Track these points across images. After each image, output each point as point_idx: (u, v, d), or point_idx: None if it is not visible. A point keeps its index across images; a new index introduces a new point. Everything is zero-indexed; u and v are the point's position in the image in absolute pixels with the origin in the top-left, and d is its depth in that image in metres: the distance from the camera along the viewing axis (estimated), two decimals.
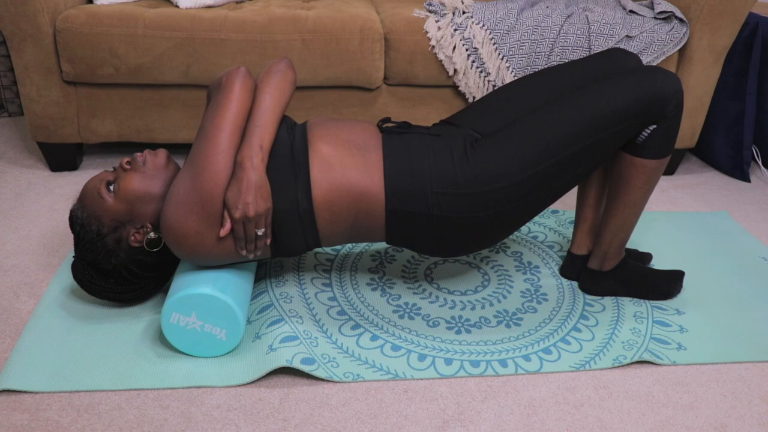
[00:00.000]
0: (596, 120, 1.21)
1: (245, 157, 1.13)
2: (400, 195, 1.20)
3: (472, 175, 1.20)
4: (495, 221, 1.24)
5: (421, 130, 1.29)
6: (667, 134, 1.27)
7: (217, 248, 1.18)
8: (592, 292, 1.49)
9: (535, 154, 1.20)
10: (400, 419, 1.14)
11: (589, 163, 1.26)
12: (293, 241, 1.22)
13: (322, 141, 1.22)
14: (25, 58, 1.80)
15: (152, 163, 1.25)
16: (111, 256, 1.25)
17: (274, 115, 1.18)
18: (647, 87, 1.21)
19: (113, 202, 1.23)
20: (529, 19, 1.89)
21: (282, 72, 1.23)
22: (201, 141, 1.15)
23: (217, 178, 1.13)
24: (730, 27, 1.91)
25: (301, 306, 1.39)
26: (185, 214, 1.14)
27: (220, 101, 1.17)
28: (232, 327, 1.21)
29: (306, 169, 1.19)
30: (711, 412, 1.19)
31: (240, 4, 2.00)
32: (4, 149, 2.13)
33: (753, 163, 2.31)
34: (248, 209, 1.12)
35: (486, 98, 1.39)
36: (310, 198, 1.18)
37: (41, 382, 1.16)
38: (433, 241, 1.25)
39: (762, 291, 1.55)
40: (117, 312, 1.36)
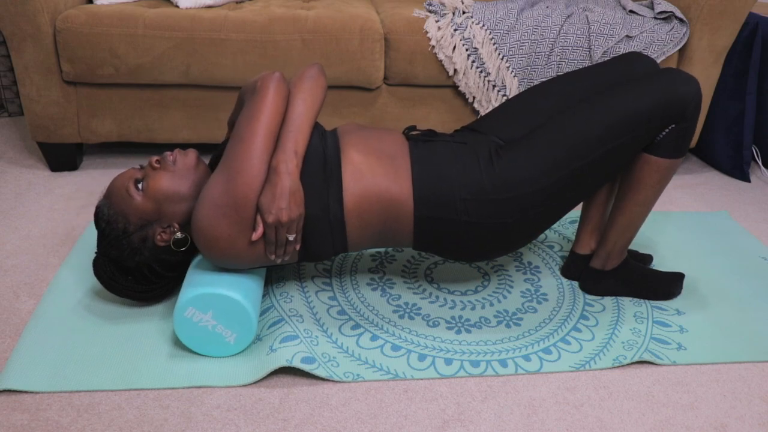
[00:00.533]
0: (618, 124, 1.23)
1: (280, 162, 1.13)
2: (429, 201, 1.22)
3: (499, 181, 1.22)
4: (521, 226, 1.25)
5: (447, 138, 1.30)
6: (684, 134, 1.28)
7: (247, 252, 1.18)
8: (593, 291, 1.49)
9: (560, 159, 1.22)
10: (400, 419, 1.14)
11: (612, 166, 1.27)
12: (321, 247, 1.23)
13: (354, 149, 1.24)
14: (25, 58, 1.80)
15: (182, 162, 1.25)
16: (135, 254, 1.25)
17: (308, 121, 1.19)
18: (667, 90, 1.23)
19: (141, 201, 1.23)
20: (529, 19, 1.89)
21: (314, 78, 1.25)
22: (236, 145, 1.15)
23: (251, 183, 1.13)
24: (730, 27, 1.91)
25: (302, 305, 1.39)
26: (218, 217, 1.14)
27: (256, 106, 1.17)
28: (243, 333, 1.22)
29: (338, 175, 1.20)
30: (711, 412, 1.19)
31: (240, 4, 2.00)
32: (4, 149, 2.13)
33: (753, 163, 2.31)
34: (281, 214, 1.12)
35: (507, 104, 1.41)
36: (341, 204, 1.19)
37: (41, 382, 1.16)
38: (461, 246, 1.27)
39: (762, 291, 1.55)
40: (118, 312, 1.36)
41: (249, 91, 1.23)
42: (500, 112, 1.39)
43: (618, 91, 1.25)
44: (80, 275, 1.46)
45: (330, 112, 1.96)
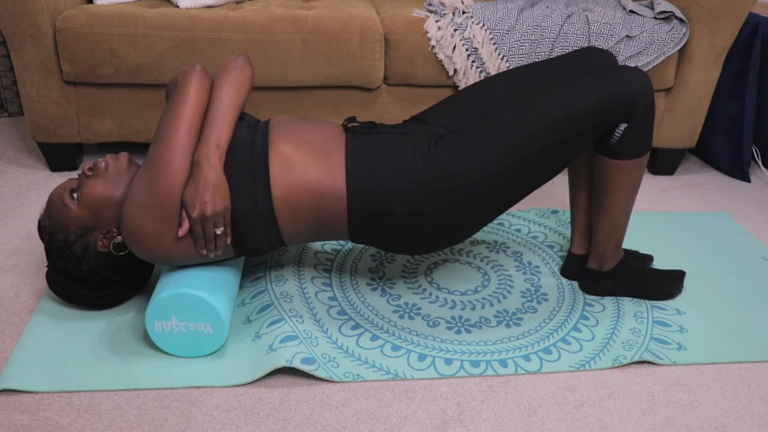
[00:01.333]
0: (563, 118, 1.20)
1: (202, 156, 1.12)
2: (362, 193, 1.20)
3: (435, 172, 1.20)
4: (458, 218, 1.23)
5: (387, 129, 1.28)
6: (641, 133, 1.26)
7: (176, 248, 1.17)
8: (593, 292, 1.49)
9: (499, 151, 1.20)
10: (400, 419, 1.14)
11: (557, 160, 1.25)
12: (255, 240, 1.21)
13: (283, 140, 1.22)
14: (25, 58, 1.80)
15: (114, 167, 1.24)
16: (81, 262, 1.25)
17: (230, 113, 1.18)
18: (615, 85, 1.21)
19: (77, 210, 1.23)
20: (529, 19, 1.89)
21: (239, 68, 1.23)
22: (157, 141, 1.15)
23: (173, 178, 1.13)
24: (730, 27, 1.91)
25: (302, 305, 1.39)
26: (143, 215, 1.14)
27: (176, 100, 1.17)
28: (213, 318, 1.20)
29: (265, 167, 1.18)
30: (711, 412, 1.19)
31: (240, 4, 2.00)
32: (4, 149, 2.13)
33: (753, 163, 2.31)
34: (206, 208, 1.11)
35: (457, 95, 1.39)
36: (269, 196, 1.18)
37: (41, 382, 1.16)
38: (398, 239, 1.25)
39: (762, 291, 1.55)
40: (118, 312, 1.36)
41: (172, 87, 1.22)
42: (449, 101, 1.38)
43: (565, 85, 1.23)
44: None
45: (330, 112, 1.96)
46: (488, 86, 1.38)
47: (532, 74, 1.37)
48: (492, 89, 1.37)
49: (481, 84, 1.39)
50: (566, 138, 1.22)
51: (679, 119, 2.05)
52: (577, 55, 1.38)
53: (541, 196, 1.98)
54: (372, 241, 1.27)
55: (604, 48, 1.86)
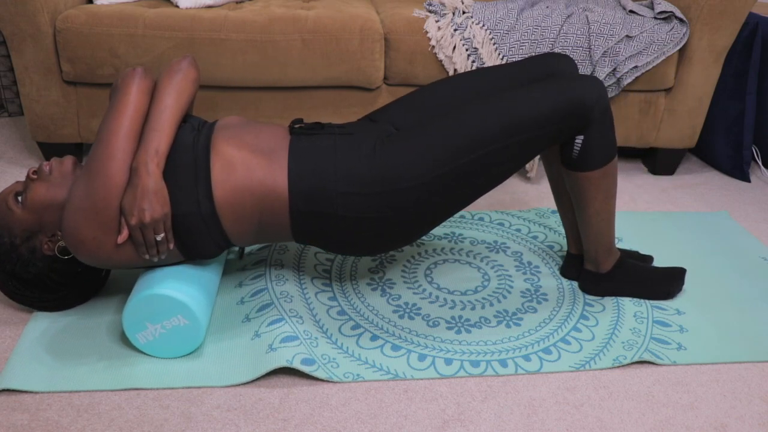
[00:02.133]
0: (511, 124, 1.19)
1: (140, 163, 1.12)
2: (305, 195, 1.20)
3: (378, 174, 1.19)
4: (402, 221, 1.22)
5: (333, 130, 1.27)
6: (601, 142, 1.26)
7: (117, 254, 1.17)
8: (592, 292, 1.49)
9: (444, 154, 1.19)
10: (400, 419, 1.14)
11: (505, 166, 1.23)
12: (201, 243, 1.21)
13: (225, 142, 1.21)
14: (25, 58, 1.80)
15: (58, 170, 1.23)
16: (28, 265, 1.24)
17: (172, 117, 1.17)
18: (567, 94, 1.20)
19: (21, 213, 1.22)
20: (529, 19, 1.89)
21: (183, 71, 1.22)
22: (96, 146, 1.14)
23: (111, 184, 1.12)
24: (730, 27, 1.91)
25: (302, 305, 1.39)
26: (81, 220, 1.13)
27: (116, 104, 1.16)
28: (178, 308, 1.19)
29: (207, 170, 1.17)
30: (711, 412, 1.19)
31: (240, 4, 2.00)
32: (4, 149, 2.13)
33: (753, 163, 2.31)
34: (144, 215, 1.11)
35: (413, 93, 1.38)
36: (211, 199, 1.17)
37: (41, 382, 1.16)
38: (341, 241, 1.25)
39: (762, 291, 1.55)
40: (117, 312, 1.36)
41: (113, 90, 1.21)
42: (403, 100, 1.37)
43: (516, 91, 1.22)
44: None
45: (330, 112, 1.96)
46: (442, 86, 1.37)
47: (489, 77, 1.36)
48: (446, 90, 1.36)
49: (437, 84, 1.38)
50: (515, 144, 1.21)
51: (679, 119, 2.05)
52: (537, 61, 1.37)
53: (541, 196, 1.98)
54: (315, 242, 1.27)
55: (605, 48, 1.86)
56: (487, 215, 1.84)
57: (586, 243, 1.42)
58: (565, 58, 1.37)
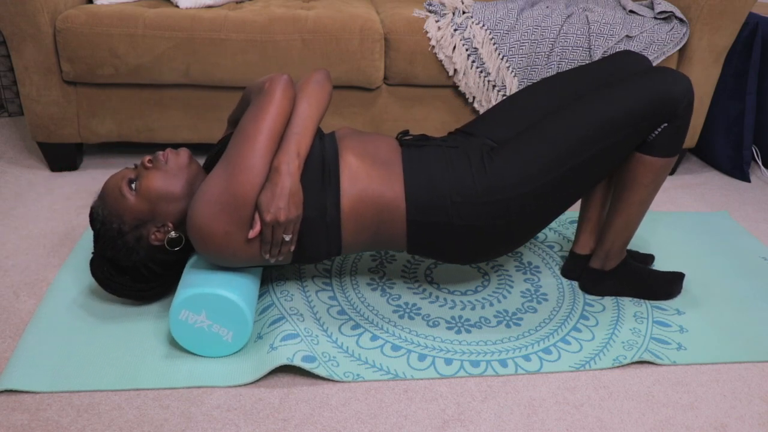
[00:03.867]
0: (609, 123, 1.23)
1: (282, 163, 1.14)
2: (421, 206, 1.22)
3: (490, 183, 1.22)
4: (514, 228, 1.25)
5: (439, 142, 1.31)
6: (677, 132, 1.28)
7: (242, 250, 1.18)
8: (593, 291, 1.49)
9: (551, 160, 1.22)
10: (400, 419, 1.14)
11: (605, 165, 1.27)
12: (316, 248, 1.23)
13: (351, 152, 1.25)
14: (25, 58, 1.80)
15: (174, 162, 1.26)
16: (131, 253, 1.25)
17: (312, 124, 1.21)
18: (658, 88, 1.23)
19: (135, 201, 1.23)
20: (529, 19, 1.89)
21: (320, 83, 1.26)
22: (240, 142, 1.16)
23: (252, 180, 1.14)
24: (730, 27, 1.91)
25: (302, 304, 1.39)
26: (217, 213, 1.14)
27: (262, 105, 1.18)
28: (240, 330, 1.22)
29: (336, 179, 1.21)
30: (711, 412, 1.19)
31: (240, 4, 2.00)
32: (4, 149, 2.13)
33: (753, 163, 2.31)
34: (280, 214, 1.13)
35: (499, 106, 1.41)
36: (338, 207, 1.20)
37: (42, 382, 1.16)
38: (454, 249, 1.27)
39: (762, 291, 1.55)
40: (118, 312, 1.36)
41: (255, 91, 1.24)
42: (493, 113, 1.40)
43: (609, 90, 1.25)
44: (80, 275, 1.46)
45: (330, 112, 1.96)
46: (529, 96, 1.40)
47: (573, 80, 1.39)
48: (533, 99, 1.39)
49: (523, 93, 1.41)
50: (614, 143, 1.24)
51: None
52: (614, 60, 1.39)
53: None
54: (428, 252, 1.29)
55: (605, 48, 1.86)
56: None
57: (608, 234, 1.42)
58: (640, 56, 1.39)
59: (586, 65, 1.41)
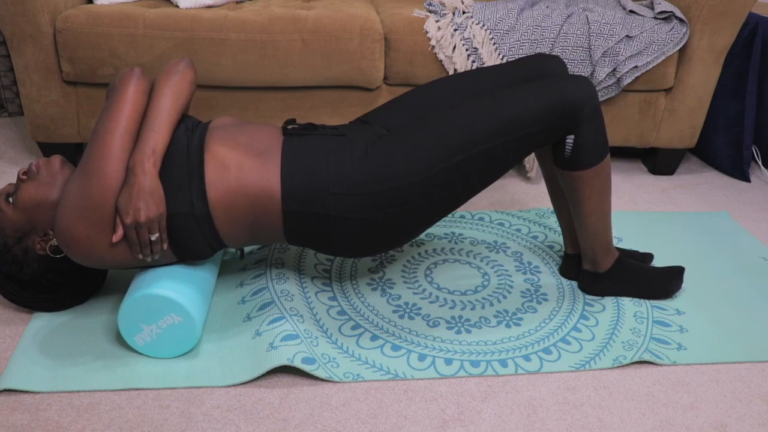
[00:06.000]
0: (501, 123, 1.20)
1: (137, 162, 1.12)
2: (297, 196, 1.20)
3: (369, 174, 1.19)
4: (395, 222, 1.23)
5: (326, 131, 1.27)
6: (592, 140, 1.26)
7: (111, 253, 1.16)
8: (591, 292, 1.49)
9: (435, 154, 1.19)
10: (400, 419, 1.14)
11: (495, 166, 1.24)
12: (194, 244, 1.21)
13: (219, 143, 1.21)
14: (25, 58, 1.80)
15: (46, 169, 1.24)
16: (23, 266, 1.24)
17: (169, 118, 1.17)
18: (556, 92, 1.21)
19: (12, 213, 1.22)
20: (529, 19, 1.89)
21: (180, 72, 1.23)
22: (92, 145, 1.14)
23: (107, 183, 1.12)
24: (730, 27, 1.91)
25: (302, 304, 1.39)
26: (75, 219, 1.13)
27: (113, 104, 1.16)
28: (168, 306, 1.19)
29: (200, 171, 1.18)
30: (711, 412, 1.19)
31: (240, 4, 2.00)
32: (4, 149, 2.13)
33: (753, 163, 2.31)
34: (139, 215, 1.11)
35: (403, 95, 1.38)
36: (205, 200, 1.17)
37: (42, 382, 1.16)
38: (334, 242, 1.25)
39: (762, 291, 1.55)
40: (117, 312, 1.36)
41: (110, 90, 1.22)
42: (395, 102, 1.37)
43: (508, 91, 1.23)
44: None
45: (330, 112, 1.96)
46: (433, 88, 1.37)
47: (481, 78, 1.36)
48: (437, 92, 1.36)
49: (427, 86, 1.38)
50: (504, 143, 1.21)
51: (679, 119, 2.05)
52: (527, 62, 1.38)
53: (541, 196, 1.98)
54: (308, 243, 1.27)
55: (605, 48, 1.86)
56: (487, 215, 1.84)
57: (583, 242, 1.42)
58: (555, 59, 1.37)
59: (498, 65, 1.39)
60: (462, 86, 1.36)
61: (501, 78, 1.36)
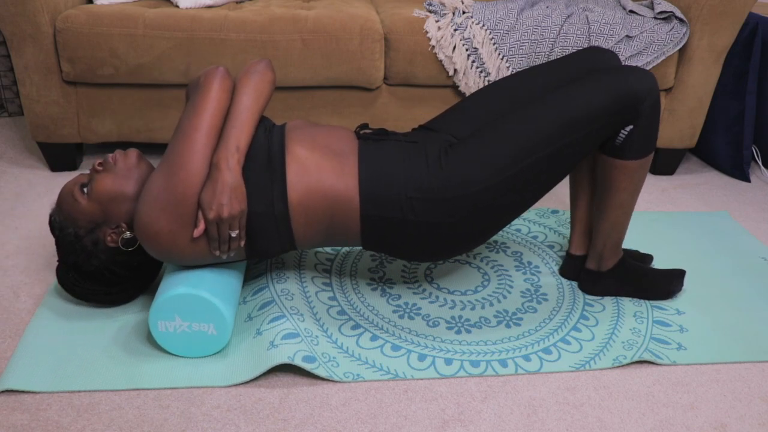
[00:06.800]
0: (569, 121, 1.21)
1: (221, 159, 1.13)
2: (375, 200, 1.21)
3: (445, 180, 1.20)
4: (470, 225, 1.23)
5: (398, 137, 1.29)
6: (646, 133, 1.26)
7: (190, 248, 1.17)
8: (592, 292, 1.49)
9: (508, 157, 1.20)
10: (400, 419, 1.14)
11: (565, 164, 1.25)
12: (268, 243, 1.22)
13: (299, 144, 1.22)
14: (25, 58, 1.80)
15: (123, 163, 1.25)
16: (91, 257, 1.25)
17: (251, 116, 1.18)
18: (620, 87, 1.21)
19: (87, 204, 1.23)
20: (529, 19, 1.89)
21: (260, 72, 1.24)
22: (177, 140, 1.16)
23: (191, 179, 1.13)
24: (730, 27, 1.91)
25: (303, 303, 1.39)
26: (158, 213, 1.14)
27: (198, 101, 1.17)
28: (217, 319, 1.21)
29: (282, 171, 1.19)
30: (711, 412, 1.19)
31: (240, 4, 2.00)
32: (4, 149, 2.13)
33: (753, 163, 2.31)
34: (222, 210, 1.12)
35: (464, 102, 1.39)
36: (285, 201, 1.18)
37: (43, 382, 1.16)
38: (409, 246, 1.26)
39: (762, 291, 1.55)
40: (119, 312, 1.36)
41: (193, 87, 1.23)
42: (456, 109, 1.38)
43: (571, 88, 1.24)
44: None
45: (330, 112, 1.96)
46: (493, 92, 1.38)
47: (536, 77, 1.37)
48: (497, 95, 1.37)
49: (486, 90, 1.39)
50: (573, 141, 1.22)
51: (679, 119, 2.05)
52: (580, 56, 1.38)
53: None
54: (383, 247, 1.28)
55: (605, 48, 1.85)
56: None
57: (598, 237, 1.41)
58: (607, 53, 1.37)
59: (552, 61, 1.39)
60: (520, 88, 1.37)
61: (557, 74, 1.36)
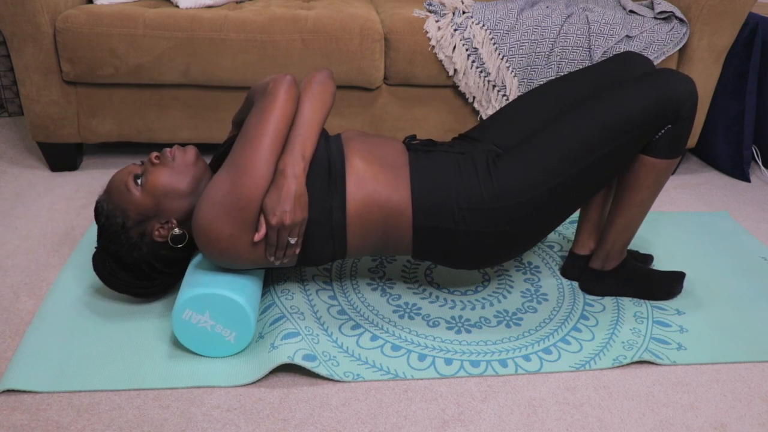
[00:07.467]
0: (613, 127, 1.23)
1: (287, 165, 1.14)
2: (427, 211, 1.22)
3: (496, 190, 1.22)
4: (520, 233, 1.26)
5: (446, 148, 1.31)
6: (680, 134, 1.27)
7: (247, 252, 1.18)
8: (593, 292, 1.49)
9: (555, 166, 1.22)
10: (400, 419, 1.14)
11: (610, 169, 1.27)
12: (321, 251, 1.23)
13: (358, 156, 1.24)
14: (25, 58, 1.80)
15: (181, 159, 1.26)
16: (134, 249, 1.25)
17: (316, 126, 1.20)
18: (661, 91, 1.22)
19: (140, 196, 1.23)
20: (529, 19, 1.89)
21: (323, 83, 1.26)
22: (244, 144, 1.16)
23: (257, 183, 1.13)
24: (730, 27, 1.91)
25: (303, 302, 1.39)
26: (221, 216, 1.14)
27: (265, 107, 1.18)
28: (242, 331, 1.22)
29: (342, 182, 1.20)
30: (711, 412, 1.19)
31: (240, 4, 2.00)
32: (4, 149, 2.13)
33: (753, 163, 2.31)
34: (285, 217, 1.12)
35: (503, 111, 1.41)
36: (344, 210, 1.20)
37: (43, 382, 1.16)
38: (460, 255, 1.27)
39: (762, 291, 1.55)
40: (119, 312, 1.36)
41: (259, 92, 1.24)
42: (497, 119, 1.40)
43: (612, 94, 1.25)
44: (82, 275, 1.46)
45: (330, 112, 1.96)
46: (534, 100, 1.40)
47: (575, 83, 1.38)
48: (537, 104, 1.39)
49: (526, 98, 1.41)
50: (617, 146, 1.24)
51: None
52: (616, 62, 1.39)
53: None
54: (433, 256, 1.29)
55: (605, 48, 1.86)
56: None
57: (609, 235, 1.42)
58: (642, 58, 1.38)
59: (588, 67, 1.41)
60: (559, 94, 1.38)
61: (598, 80, 1.37)
